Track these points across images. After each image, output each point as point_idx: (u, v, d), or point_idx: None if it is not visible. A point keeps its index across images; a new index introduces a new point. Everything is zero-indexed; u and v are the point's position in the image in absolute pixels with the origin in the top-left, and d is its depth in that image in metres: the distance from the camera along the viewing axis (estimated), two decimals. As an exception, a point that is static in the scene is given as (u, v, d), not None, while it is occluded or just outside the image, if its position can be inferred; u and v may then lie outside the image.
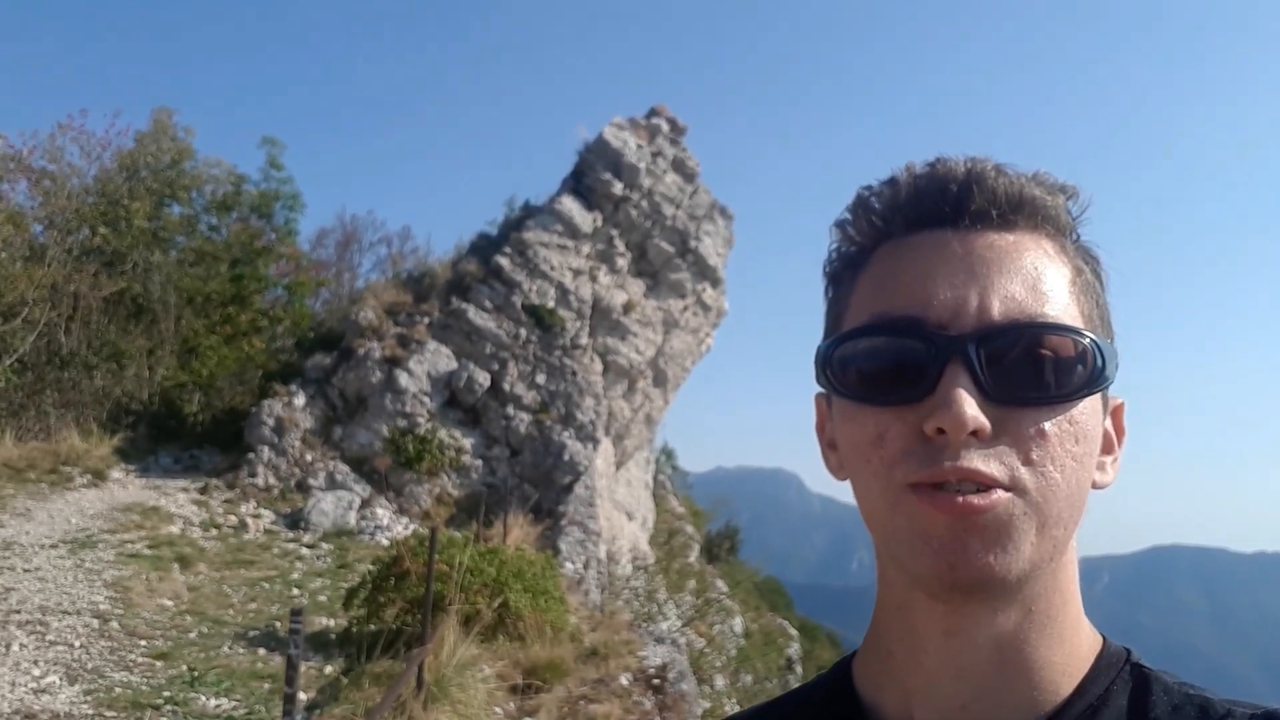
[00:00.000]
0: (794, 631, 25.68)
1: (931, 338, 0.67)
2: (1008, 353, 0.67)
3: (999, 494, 0.65)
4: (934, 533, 0.65)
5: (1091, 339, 0.69)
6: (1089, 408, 0.69)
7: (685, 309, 19.26)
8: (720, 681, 14.91)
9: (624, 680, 7.76)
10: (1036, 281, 0.69)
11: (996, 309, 0.68)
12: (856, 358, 0.71)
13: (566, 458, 15.26)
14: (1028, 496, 0.66)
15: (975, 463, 0.65)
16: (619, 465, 18.93)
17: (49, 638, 7.26)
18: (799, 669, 23.56)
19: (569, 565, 12.29)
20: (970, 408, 0.64)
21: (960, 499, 0.64)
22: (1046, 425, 0.67)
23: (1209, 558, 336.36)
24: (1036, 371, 0.67)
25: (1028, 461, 0.66)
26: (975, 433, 0.65)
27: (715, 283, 19.87)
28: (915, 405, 0.67)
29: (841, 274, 0.78)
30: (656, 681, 7.89)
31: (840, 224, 0.78)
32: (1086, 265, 0.74)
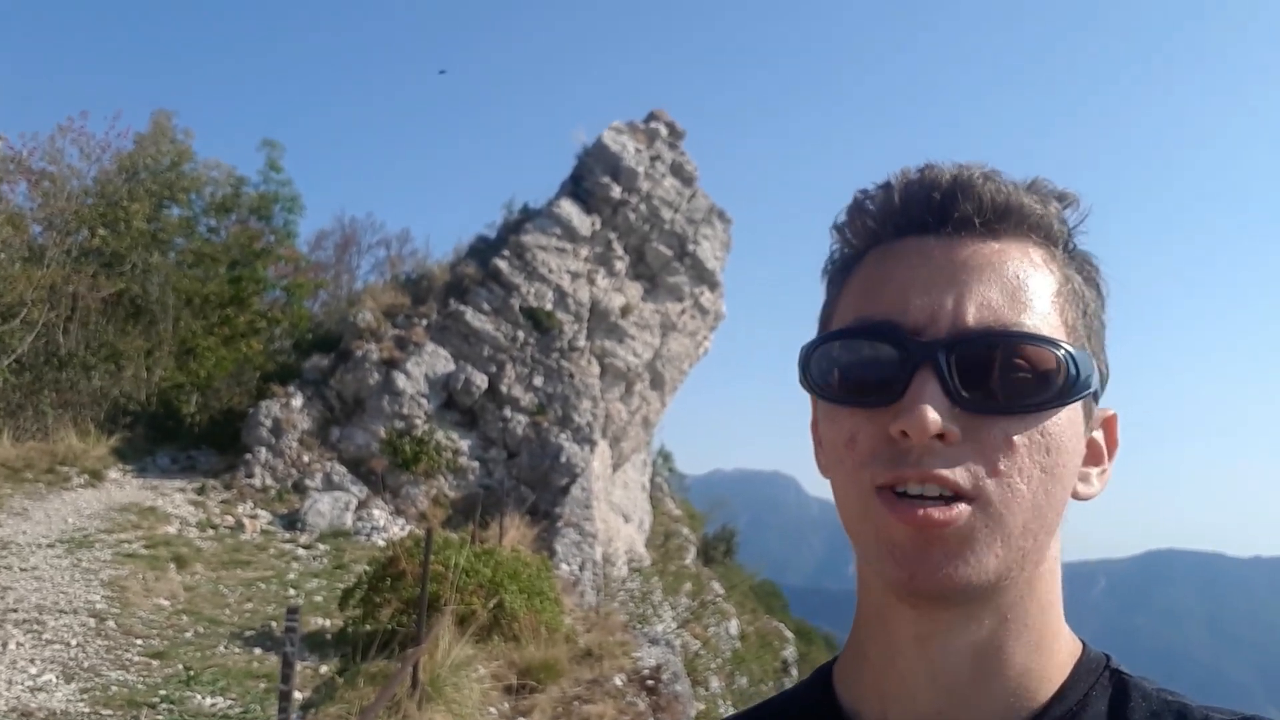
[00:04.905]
0: (790, 634, 25.65)
1: (905, 343, 0.68)
2: (979, 360, 0.67)
3: (960, 507, 0.65)
4: (897, 541, 0.66)
5: (1066, 350, 0.68)
6: (1064, 419, 0.69)
7: (683, 312, 19.30)
8: (715, 683, 14.93)
9: (618, 681, 7.79)
10: (1017, 290, 0.69)
11: (971, 315, 0.68)
12: (835, 359, 0.72)
13: (563, 460, 15.30)
14: (990, 508, 0.66)
15: (938, 467, 0.65)
16: (616, 467, 18.96)
17: (45, 636, 7.28)
18: (795, 671, 23.55)
19: (565, 567, 12.32)
20: (933, 413, 0.65)
21: (921, 511, 0.65)
22: (1015, 436, 0.66)
23: (1206, 562, 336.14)
24: (1007, 381, 0.67)
25: (994, 472, 0.66)
26: (942, 437, 0.65)
27: (713, 286, 19.92)
28: (886, 409, 0.68)
29: (835, 277, 0.79)
30: (651, 682, 7.92)
31: (838, 227, 0.79)
32: (1079, 274, 0.74)
